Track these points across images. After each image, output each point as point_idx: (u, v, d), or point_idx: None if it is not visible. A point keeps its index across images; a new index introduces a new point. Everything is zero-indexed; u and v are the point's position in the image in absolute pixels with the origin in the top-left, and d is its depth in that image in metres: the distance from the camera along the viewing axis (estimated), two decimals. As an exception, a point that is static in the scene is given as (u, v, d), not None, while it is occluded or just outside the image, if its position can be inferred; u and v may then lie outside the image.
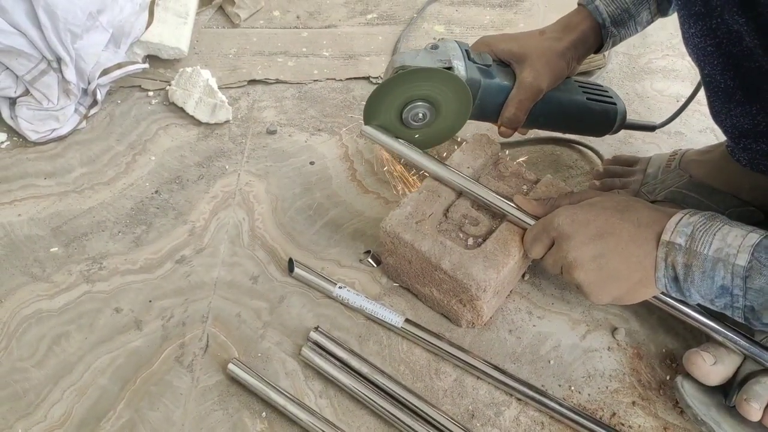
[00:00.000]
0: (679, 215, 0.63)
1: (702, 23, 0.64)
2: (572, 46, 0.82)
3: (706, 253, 0.59)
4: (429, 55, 0.78)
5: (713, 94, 0.69)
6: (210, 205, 0.96)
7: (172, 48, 1.15)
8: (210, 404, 0.74)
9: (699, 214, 0.62)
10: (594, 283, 0.66)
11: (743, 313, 0.60)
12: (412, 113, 0.79)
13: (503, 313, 0.82)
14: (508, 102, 0.82)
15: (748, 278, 0.58)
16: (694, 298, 0.62)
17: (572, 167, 1.01)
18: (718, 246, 0.59)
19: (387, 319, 0.79)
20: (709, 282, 0.60)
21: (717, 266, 0.59)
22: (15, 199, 0.96)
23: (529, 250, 0.73)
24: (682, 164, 0.87)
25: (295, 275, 0.85)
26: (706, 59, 0.67)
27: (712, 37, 0.64)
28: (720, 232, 0.60)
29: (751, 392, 0.66)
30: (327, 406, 0.74)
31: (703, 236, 0.60)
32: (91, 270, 0.87)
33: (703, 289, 0.61)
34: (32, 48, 0.97)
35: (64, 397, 0.74)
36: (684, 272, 0.61)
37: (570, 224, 0.67)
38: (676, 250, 0.61)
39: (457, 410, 0.73)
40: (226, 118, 1.07)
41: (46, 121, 1.02)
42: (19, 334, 0.80)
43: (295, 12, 1.32)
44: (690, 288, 0.62)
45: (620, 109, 0.89)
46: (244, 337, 0.80)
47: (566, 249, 0.67)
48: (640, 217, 0.65)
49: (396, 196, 0.96)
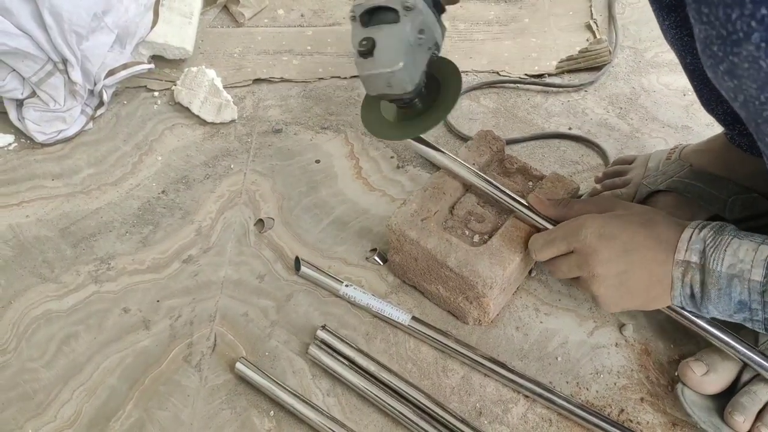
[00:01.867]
0: (689, 231, 0.62)
1: (674, 14, 0.64)
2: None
3: (720, 270, 0.59)
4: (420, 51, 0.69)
5: (699, 82, 0.69)
6: (216, 204, 0.96)
7: (177, 48, 1.15)
8: (218, 403, 0.74)
9: (707, 228, 0.62)
10: (612, 296, 0.66)
11: (764, 325, 0.59)
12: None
13: (510, 310, 0.82)
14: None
15: (766, 293, 0.57)
16: (712, 314, 0.62)
17: (578, 162, 1.01)
18: (730, 262, 0.58)
19: (394, 316, 0.79)
20: (727, 299, 0.59)
21: (732, 282, 0.58)
22: (23, 200, 0.97)
23: (537, 252, 0.72)
24: (682, 155, 0.87)
25: (302, 274, 0.85)
26: (685, 48, 0.67)
27: (686, 27, 0.64)
28: (730, 247, 0.59)
29: (736, 405, 0.67)
30: (335, 405, 0.74)
31: (714, 252, 0.60)
32: (99, 270, 0.88)
33: (721, 305, 0.60)
34: (38, 50, 0.97)
35: (74, 397, 0.75)
36: (701, 290, 0.61)
37: (598, 238, 0.66)
38: (693, 269, 0.61)
39: (464, 408, 0.73)
40: (232, 117, 1.07)
41: (53, 123, 1.03)
42: (28, 335, 0.81)
43: (299, 10, 1.32)
44: (707, 305, 0.61)
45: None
46: (251, 336, 0.80)
47: (593, 263, 0.66)
48: (660, 233, 0.64)
49: (401, 194, 0.96)
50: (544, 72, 1.15)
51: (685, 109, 1.09)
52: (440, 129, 1.06)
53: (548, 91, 1.13)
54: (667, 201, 0.82)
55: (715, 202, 0.80)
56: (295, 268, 0.86)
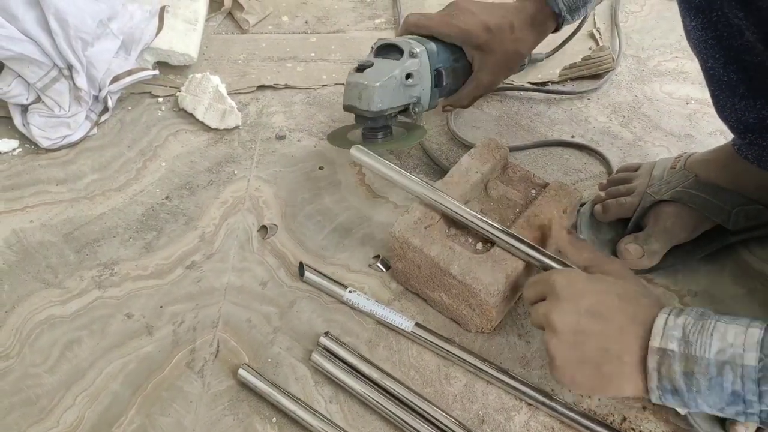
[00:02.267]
0: (663, 316, 0.56)
1: (702, 16, 0.64)
2: (533, 46, 0.86)
3: (709, 357, 0.52)
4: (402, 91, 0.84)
5: (717, 87, 0.69)
6: (220, 210, 0.96)
7: (181, 54, 1.15)
8: (221, 409, 0.74)
9: (684, 313, 0.56)
10: (563, 358, 0.60)
11: (760, 417, 0.53)
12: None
13: (512, 317, 0.82)
14: (464, 96, 0.88)
15: (762, 380, 0.51)
16: (702, 408, 0.55)
17: (581, 171, 1.01)
18: (719, 347, 0.52)
19: (397, 323, 0.79)
20: (719, 390, 0.53)
21: (724, 370, 0.52)
22: (27, 205, 0.97)
23: (524, 292, 0.70)
24: (687, 165, 0.87)
25: (306, 279, 0.85)
26: (708, 52, 0.66)
27: (712, 30, 0.64)
28: (717, 332, 0.53)
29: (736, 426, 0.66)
30: (337, 412, 0.74)
31: (699, 338, 0.53)
32: (102, 276, 0.88)
33: (712, 398, 0.53)
34: (43, 55, 0.98)
35: (77, 403, 0.75)
36: (685, 382, 0.54)
37: (566, 287, 0.62)
38: (671, 358, 0.54)
39: (467, 415, 0.73)
40: (236, 123, 1.08)
41: (58, 128, 1.03)
42: (31, 340, 0.81)
43: (303, 17, 1.33)
44: (697, 398, 0.54)
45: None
46: (254, 342, 0.80)
47: (550, 309, 0.62)
48: (637, 312, 0.59)
49: (405, 201, 0.96)
50: (547, 80, 1.16)
51: (688, 118, 1.09)
52: (444, 137, 1.06)
53: (551, 99, 1.13)
54: (670, 211, 0.82)
55: (719, 213, 0.80)
56: (299, 273, 0.86)
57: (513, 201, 0.83)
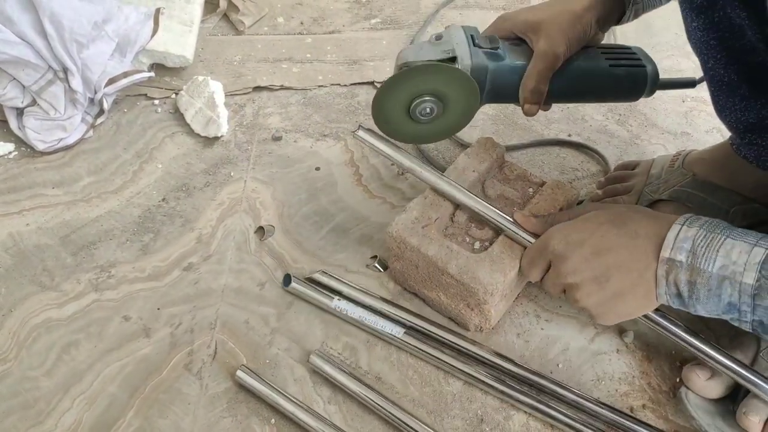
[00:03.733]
0: (676, 227, 0.60)
1: (704, 17, 0.64)
2: (590, 6, 0.76)
3: (711, 271, 0.57)
4: (432, 48, 0.77)
5: (717, 88, 0.69)
6: (217, 212, 0.96)
7: (177, 56, 1.15)
8: (219, 411, 0.74)
9: (697, 225, 0.60)
10: (599, 304, 0.64)
11: (752, 326, 0.58)
12: (419, 109, 0.77)
13: (511, 316, 0.82)
14: (527, 76, 0.77)
15: (757, 296, 0.56)
16: (700, 312, 0.61)
17: (578, 169, 1.01)
18: (722, 263, 0.57)
19: (387, 329, 0.78)
20: (716, 300, 0.58)
21: (723, 284, 0.57)
22: (23, 208, 0.97)
23: (527, 274, 0.72)
24: (685, 164, 0.87)
25: (291, 289, 0.84)
26: (709, 53, 0.66)
27: (714, 31, 0.63)
28: (723, 248, 0.57)
29: (750, 405, 0.66)
30: (336, 413, 0.74)
31: (705, 252, 0.58)
32: (99, 278, 0.87)
33: (710, 305, 0.59)
34: (39, 58, 0.98)
35: (74, 406, 0.75)
36: (688, 290, 0.59)
37: (565, 245, 0.65)
38: (678, 267, 0.59)
39: (466, 415, 0.73)
40: (216, 134, 1.06)
41: (54, 131, 1.03)
42: (29, 344, 0.80)
43: (299, 18, 1.33)
44: (696, 304, 0.60)
45: (650, 71, 0.83)
46: (252, 344, 0.80)
47: (564, 272, 0.64)
48: (637, 229, 0.63)
49: (402, 201, 0.96)
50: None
51: (685, 116, 1.10)
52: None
53: (547, 97, 1.13)
54: (668, 210, 0.82)
55: (717, 212, 0.80)
56: (283, 283, 0.85)
57: (510, 200, 0.83)
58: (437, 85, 0.76)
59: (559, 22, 0.76)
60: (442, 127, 0.82)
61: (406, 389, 0.76)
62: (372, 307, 0.81)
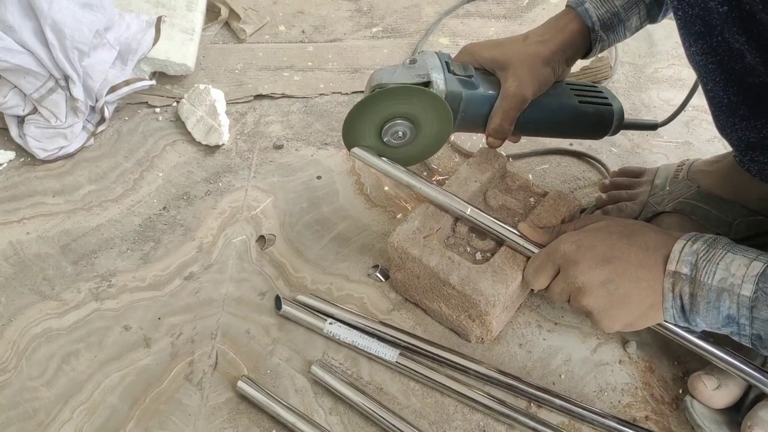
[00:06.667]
0: (681, 242, 0.62)
1: (702, 42, 0.64)
2: (559, 50, 0.79)
3: (711, 284, 0.59)
4: (407, 71, 0.77)
5: (717, 109, 0.69)
6: (218, 221, 0.96)
7: (178, 64, 1.15)
8: (220, 422, 0.74)
9: (701, 240, 0.61)
10: (605, 309, 0.64)
11: (750, 340, 0.59)
12: (391, 132, 0.77)
13: (513, 327, 0.82)
14: (493, 113, 0.79)
15: (754, 308, 0.57)
16: (700, 326, 0.62)
17: (579, 178, 1.01)
18: (722, 276, 0.58)
19: (381, 354, 0.77)
20: (715, 312, 0.59)
21: (722, 296, 0.58)
22: (24, 217, 0.96)
23: (532, 281, 0.71)
24: (689, 175, 0.87)
25: (284, 313, 0.83)
26: (708, 76, 0.66)
27: (713, 55, 0.64)
28: (723, 261, 0.59)
29: (755, 419, 0.67)
30: (337, 423, 0.73)
31: (706, 266, 0.59)
32: (100, 288, 0.87)
33: (709, 318, 0.60)
34: (40, 66, 0.98)
35: (74, 416, 0.74)
36: (690, 302, 0.60)
37: (576, 250, 0.65)
38: (683, 280, 0.60)
39: (467, 426, 0.73)
40: (217, 142, 1.06)
41: (55, 139, 1.03)
42: (29, 353, 0.80)
43: (300, 26, 1.33)
44: (696, 318, 0.61)
45: (616, 109, 0.86)
46: (253, 354, 0.80)
47: (573, 275, 0.65)
48: (647, 241, 0.64)
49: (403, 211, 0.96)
50: (544, 88, 1.16)
51: (686, 125, 1.10)
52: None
53: (549, 106, 1.13)
54: (672, 222, 0.82)
55: (721, 224, 0.80)
56: (275, 306, 0.84)
57: (512, 210, 0.83)
58: (412, 109, 0.76)
59: (529, 64, 0.78)
60: (412, 152, 0.82)
61: (408, 400, 0.75)
62: (365, 329, 0.80)
